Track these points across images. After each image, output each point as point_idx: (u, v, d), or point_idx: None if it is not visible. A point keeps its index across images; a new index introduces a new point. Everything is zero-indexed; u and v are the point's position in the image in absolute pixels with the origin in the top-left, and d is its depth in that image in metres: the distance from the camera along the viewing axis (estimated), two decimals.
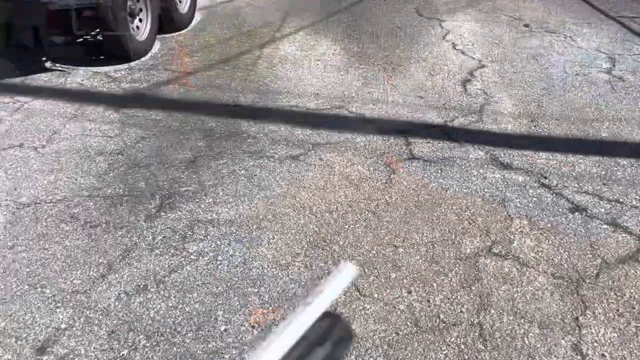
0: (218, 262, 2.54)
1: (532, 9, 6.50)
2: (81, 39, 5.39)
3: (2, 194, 3.02)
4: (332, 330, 0.51)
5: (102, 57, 4.90)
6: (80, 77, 4.55)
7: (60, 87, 4.38)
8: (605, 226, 2.81)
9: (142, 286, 2.40)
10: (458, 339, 2.15)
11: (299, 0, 6.87)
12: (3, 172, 3.21)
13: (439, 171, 3.28)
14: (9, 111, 3.94)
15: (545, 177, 3.22)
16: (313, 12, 6.37)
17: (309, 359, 0.44)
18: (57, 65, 4.77)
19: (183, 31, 5.69)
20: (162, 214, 2.88)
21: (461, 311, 2.29)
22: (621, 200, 3.02)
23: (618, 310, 2.29)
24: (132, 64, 4.82)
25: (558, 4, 6.71)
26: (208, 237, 2.71)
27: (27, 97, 4.16)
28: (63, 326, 2.19)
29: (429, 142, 3.60)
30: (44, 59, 4.86)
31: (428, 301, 2.34)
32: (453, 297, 2.36)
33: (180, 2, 5.76)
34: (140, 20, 4.98)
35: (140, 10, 4.97)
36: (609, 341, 2.15)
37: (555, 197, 3.04)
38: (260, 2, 6.76)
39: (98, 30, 4.96)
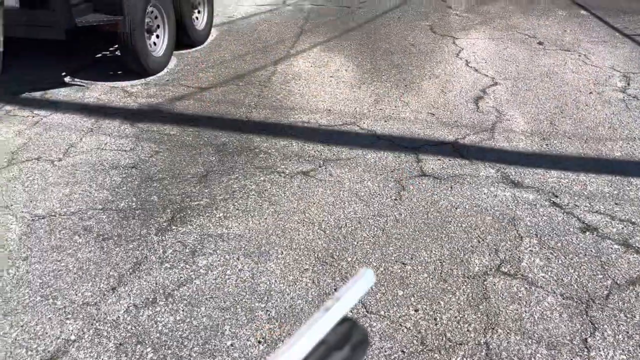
0: (226, 277, 2.56)
1: (547, 27, 6.50)
2: (99, 55, 5.53)
3: (18, 205, 3.09)
4: (350, 335, 0.52)
5: (119, 72, 5.01)
6: (98, 91, 4.65)
7: (78, 101, 4.48)
8: (616, 246, 2.78)
9: (151, 299, 2.43)
10: (464, 359, 2.14)
11: (314, 18, 6.95)
12: (20, 185, 3.29)
13: (449, 189, 3.28)
14: (28, 125, 4.04)
15: (557, 196, 3.21)
16: (328, 29, 6.44)
17: None
18: (76, 80, 4.89)
19: (199, 47, 5.79)
20: (173, 227, 2.92)
21: (468, 330, 2.28)
22: (633, 220, 2.99)
23: (628, 332, 2.26)
24: (149, 79, 4.91)
25: (573, 22, 6.70)
26: (217, 251, 2.74)
27: (46, 111, 4.26)
28: (73, 338, 2.22)
29: (439, 160, 3.60)
30: (63, 74, 4.98)
31: (435, 319, 2.33)
32: (460, 315, 2.35)
33: (197, 18, 5.87)
34: (158, 36, 5.08)
35: (158, 26, 5.07)
36: None
37: (566, 216, 3.02)
38: (276, 19, 6.86)
39: (116, 46, 5.10)
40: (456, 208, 3.10)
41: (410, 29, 6.49)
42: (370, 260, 2.68)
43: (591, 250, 2.76)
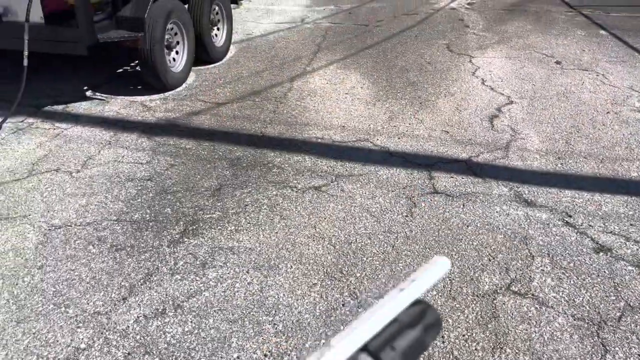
0: (235, 290, 2.58)
1: (565, 47, 6.47)
2: (121, 70, 5.66)
3: (36, 215, 3.16)
4: (423, 316, 0.54)
5: (139, 87, 5.12)
6: (118, 105, 4.75)
7: (98, 114, 4.58)
8: (630, 268, 2.74)
9: (160, 310, 2.46)
10: None
11: (332, 36, 7.03)
12: (39, 195, 3.37)
13: (461, 206, 3.27)
14: (49, 137, 4.14)
15: (570, 216, 3.17)
16: (345, 47, 6.50)
17: (400, 338, 0.48)
18: (97, 94, 5.00)
19: (218, 63, 5.89)
20: (185, 239, 2.95)
21: (476, 349, 2.26)
22: None
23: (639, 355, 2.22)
24: (167, 94, 5.01)
25: (591, 42, 6.67)
26: (228, 264, 2.76)
27: (67, 124, 4.37)
28: (82, 346, 2.26)
29: (452, 177, 3.60)
30: (85, 88, 5.11)
31: (443, 337, 2.32)
32: (468, 334, 2.33)
33: (216, 35, 5.98)
34: (177, 52, 5.19)
35: (177, 43, 5.18)
36: None
37: (580, 236, 2.99)
38: (294, 37, 6.95)
39: (137, 61, 5.22)
40: (468, 226, 3.08)
41: (427, 47, 6.52)
42: (379, 276, 2.68)
43: (604, 271, 2.72)
